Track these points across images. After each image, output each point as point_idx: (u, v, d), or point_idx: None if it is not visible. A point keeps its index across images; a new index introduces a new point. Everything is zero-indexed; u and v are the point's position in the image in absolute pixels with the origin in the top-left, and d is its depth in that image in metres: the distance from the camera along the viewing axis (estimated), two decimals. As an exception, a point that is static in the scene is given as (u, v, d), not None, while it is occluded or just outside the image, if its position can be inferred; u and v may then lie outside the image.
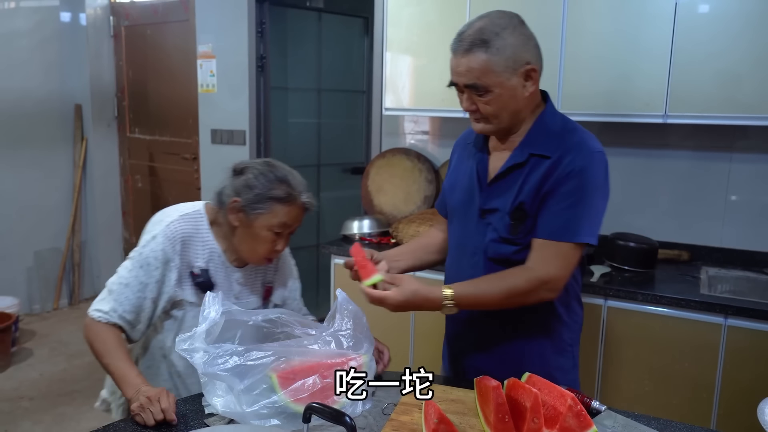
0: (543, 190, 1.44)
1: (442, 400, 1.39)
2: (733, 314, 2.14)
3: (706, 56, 2.31)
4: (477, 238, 1.54)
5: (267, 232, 1.52)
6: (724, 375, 2.17)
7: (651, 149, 2.78)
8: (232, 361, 1.25)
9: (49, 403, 3.32)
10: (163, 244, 1.52)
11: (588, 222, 1.43)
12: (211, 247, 1.58)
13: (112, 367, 1.44)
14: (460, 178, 1.62)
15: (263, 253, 1.55)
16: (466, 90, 1.44)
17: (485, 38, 1.38)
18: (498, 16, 1.42)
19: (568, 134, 1.47)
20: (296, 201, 1.53)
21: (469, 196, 1.57)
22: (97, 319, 1.50)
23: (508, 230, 1.47)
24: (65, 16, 4.64)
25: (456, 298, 1.43)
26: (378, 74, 3.37)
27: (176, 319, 1.58)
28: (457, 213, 1.62)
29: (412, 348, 2.78)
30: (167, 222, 1.55)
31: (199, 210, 1.60)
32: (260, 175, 1.52)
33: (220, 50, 3.99)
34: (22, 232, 4.50)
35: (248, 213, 1.51)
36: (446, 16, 2.79)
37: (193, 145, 4.33)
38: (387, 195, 3.30)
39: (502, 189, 1.49)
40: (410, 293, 1.42)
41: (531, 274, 1.43)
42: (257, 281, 1.68)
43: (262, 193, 1.50)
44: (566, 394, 1.23)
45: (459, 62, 1.41)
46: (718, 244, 2.70)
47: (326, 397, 1.29)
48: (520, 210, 1.46)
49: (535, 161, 1.46)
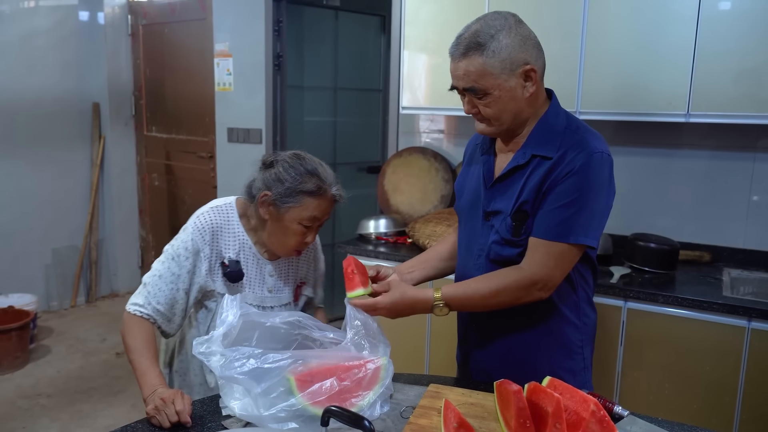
0: (542, 190, 1.42)
1: (462, 404, 1.37)
2: (757, 317, 2.09)
3: (730, 55, 2.27)
4: (481, 240, 1.54)
5: (297, 225, 1.52)
6: (747, 379, 2.13)
7: (672, 149, 2.74)
8: (249, 364, 1.24)
9: (66, 400, 3.34)
10: (192, 235, 1.54)
11: (585, 223, 1.39)
12: (242, 238, 1.59)
13: (136, 363, 1.45)
14: (468, 180, 1.62)
15: (293, 246, 1.56)
16: (466, 93, 1.44)
17: (480, 41, 1.37)
18: (493, 17, 1.41)
19: (570, 133, 1.45)
20: (326, 194, 1.54)
21: (475, 197, 1.57)
22: (132, 312, 1.52)
23: (510, 232, 1.46)
24: (83, 15, 4.67)
25: (446, 298, 1.44)
26: (395, 73, 3.35)
27: (210, 310, 1.59)
28: (464, 215, 1.62)
29: (428, 351, 2.77)
30: (198, 214, 1.58)
31: (231, 203, 1.62)
32: (290, 167, 1.52)
33: (237, 49, 4.00)
34: (40, 229, 4.55)
35: (279, 206, 1.51)
36: (464, 14, 2.76)
37: (210, 144, 4.34)
38: (403, 194, 3.29)
39: (505, 190, 1.49)
40: (398, 296, 1.44)
41: (521, 274, 1.42)
42: (290, 275, 1.69)
43: (292, 187, 1.50)
44: (589, 399, 1.21)
45: (457, 66, 1.41)
46: (741, 245, 2.65)
47: (344, 399, 1.28)
48: (521, 211, 1.45)
49: (537, 162, 1.44)
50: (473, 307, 1.51)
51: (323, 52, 4.35)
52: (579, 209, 1.39)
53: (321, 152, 4.33)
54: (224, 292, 1.56)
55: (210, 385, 1.62)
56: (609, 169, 1.42)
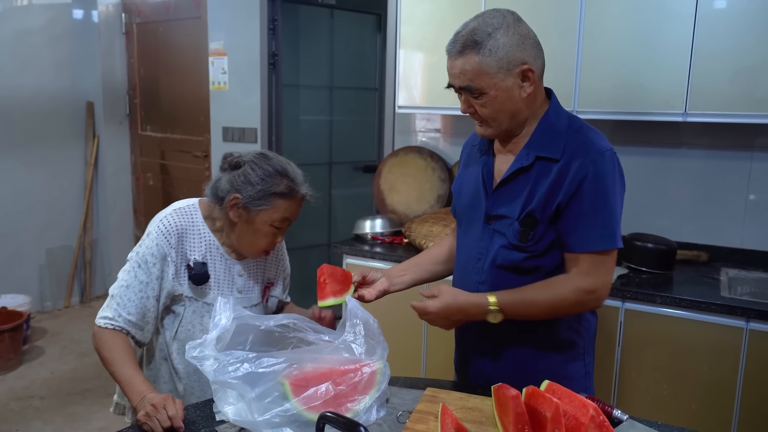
0: (558, 199, 1.39)
1: (459, 408, 1.36)
2: (755, 318, 2.08)
3: (728, 54, 2.26)
4: (482, 244, 1.51)
5: (269, 227, 1.51)
6: (746, 380, 2.12)
7: (669, 148, 2.73)
8: (243, 368, 1.22)
9: (60, 402, 3.31)
10: (157, 239, 1.50)
11: (615, 225, 1.41)
12: (208, 239, 1.57)
13: (118, 375, 1.42)
14: (466, 182, 1.59)
15: (264, 247, 1.56)
16: (462, 92, 1.41)
17: (477, 39, 1.35)
18: (491, 15, 1.38)
19: (574, 134, 1.43)
20: (297, 194, 1.53)
21: (474, 200, 1.54)
22: (103, 326, 1.48)
23: (518, 237, 1.44)
24: (77, 14, 4.64)
25: (501, 305, 1.41)
26: (391, 72, 3.33)
27: (177, 315, 1.55)
28: (463, 218, 1.60)
29: (424, 354, 2.75)
30: (161, 218, 1.54)
31: (194, 204, 1.60)
32: (258, 168, 1.50)
33: (232, 47, 3.97)
34: (34, 229, 4.51)
35: (249, 209, 1.49)
36: (460, 13, 2.74)
37: (205, 143, 4.31)
38: (400, 194, 3.27)
39: (509, 194, 1.46)
40: (450, 300, 1.42)
41: (577, 285, 1.41)
42: (258, 274, 1.67)
43: (263, 189, 1.48)
44: (588, 404, 1.19)
45: (453, 64, 1.39)
46: (738, 245, 2.64)
47: (339, 404, 1.26)
48: (531, 218, 1.42)
49: (542, 164, 1.42)
50: (527, 316, 1.46)
51: (319, 51, 4.32)
52: (606, 213, 1.39)
53: (317, 151, 4.38)
54: (191, 295, 1.54)
55: (180, 393, 1.58)
56: (618, 165, 1.43)
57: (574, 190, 1.38)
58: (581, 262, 1.41)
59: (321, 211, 4.50)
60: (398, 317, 2.76)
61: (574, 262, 1.42)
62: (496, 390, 1.31)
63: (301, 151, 4.27)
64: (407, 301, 2.72)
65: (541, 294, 1.42)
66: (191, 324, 1.55)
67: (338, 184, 4.52)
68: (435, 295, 1.44)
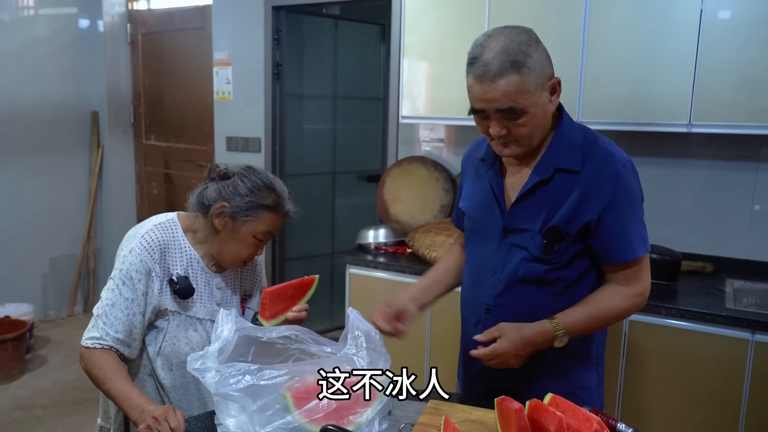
0: (588, 215, 1.40)
1: (462, 421, 1.35)
2: (760, 329, 2.07)
3: (732, 64, 2.26)
4: (498, 258, 1.50)
5: (252, 238, 1.53)
6: (752, 392, 2.10)
7: (674, 158, 2.72)
8: (245, 380, 1.22)
9: (62, 411, 3.31)
10: (141, 255, 1.50)
11: (645, 230, 1.47)
12: (189, 254, 1.57)
13: (113, 392, 1.42)
14: (474, 197, 1.58)
15: (245, 258, 1.58)
16: (497, 115, 1.36)
17: (515, 59, 1.31)
18: (516, 33, 1.35)
19: (591, 145, 1.44)
20: (282, 209, 1.55)
21: (487, 215, 1.53)
22: (90, 346, 1.47)
23: (542, 250, 1.44)
24: (83, 24, 4.66)
25: (566, 327, 1.42)
26: (395, 82, 3.34)
27: (160, 330, 1.55)
28: (474, 233, 1.58)
29: (427, 367, 2.73)
30: (142, 233, 1.54)
31: (173, 218, 1.60)
32: (247, 180, 1.52)
33: (236, 57, 3.99)
34: (38, 238, 4.52)
35: (236, 219, 1.51)
36: (464, 23, 2.75)
37: (209, 153, 4.32)
38: (403, 203, 3.26)
39: (529, 207, 1.45)
40: (518, 337, 1.40)
41: (628, 293, 1.46)
42: (237, 287, 1.68)
43: (252, 201, 1.51)
44: (592, 418, 1.18)
45: (489, 88, 1.32)
46: (744, 256, 2.63)
47: (341, 417, 1.25)
48: (555, 231, 1.42)
49: (561, 176, 1.42)
50: (587, 332, 1.49)
51: (323, 61, 4.34)
52: (638, 221, 1.45)
53: (320, 161, 4.39)
54: (175, 309, 1.53)
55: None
56: (636, 171, 1.47)
57: (605, 205, 1.40)
58: (626, 271, 1.45)
59: (324, 220, 4.50)
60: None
61: (618, 272, 1.46)
62: (500, 403, 1.30)
63: (305, 161, 4.27)
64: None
65: (599, 308, 1.45)
66: (176, 338, 1.55)
67: (342, 193, 4.52)
68: (496, 336, 1.41)
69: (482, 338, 1.43)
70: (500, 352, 1.39)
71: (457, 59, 2.78)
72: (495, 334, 1.42)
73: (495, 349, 1.39)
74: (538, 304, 1.47)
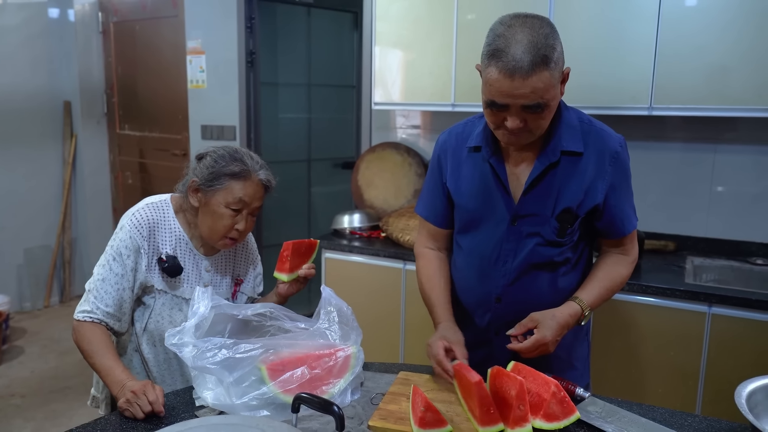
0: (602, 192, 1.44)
1: (430, 390, 1.41)
2: (717, 302, 2.17)
3: (692, 49, 2.34)
4: (508, 245, 1.49)
5: (225, 208, 1.54)
6: (709, 363, 2.21)
7: (637, 141, 2.81)
8: (221, 354, 1.27)
9: (40, 400, 3.32)
10: (131, 232, 1.54)
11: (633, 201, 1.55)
12: (178, 234, 1.61)
13: (98, 366, 1.46)
14: (468, 185, 1.53)
15: (222, 231, 1.56)
16: (519, 109, 1.31)
17: (544, 53, 1.27)
18: (539, 24, 1.30)
19: (588, 127, 1.48)
20: (251, 176, 1.56)
21: (489, 202, 1.50)
22: (81, 319, 1.52)
23: (556, 233, 1.46)
24: (53, 12, 4.62)
25: (590, 305, 1.46)
26: (367, 69, 3.38)
27: (147, 306, 1.59)
28: (473, 222, 1.54)
29: (402, 341, 2.81)
30: (133, 211, 1.59)
31: (165, 199, 1.64)
32: (219, 157, 1.56)
33: (210, 46, 3.99)
34: (12, 229, 4.50)
35: (206, 191, 1.55)
36: (435, 10, 2.81)
37: (183, 142, 4.33)
38: (377, 189, 3.32)
39: (540, 192, 1.45)
40: (555, 325, 1.39)
41: (627, 260, 1.55)
42: (227, 271, 1.71)
43: (215, 171, 1.54)
44: (550, 381, 1.26)
45: (519, 84, 1.27)
46: (704, 234, 2.73)
47: (315, 387, 1.31)
48: (568, 213, 1.45)
49: (566, 159, 1.44)
50: (602, 303, 1.53)
51: (296, 49, 4.36)
52: (631, 195, 1.53)
53: (295, 148, 4.42)
54: (162, 287, 1.58)
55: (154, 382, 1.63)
56: (628, 150, 1.52)
57: (609, 185, 1.45)
58: (625, 241, 1.54)
59: (300, 207, 4.54)
60: (373, 307, 2.83)
61: (618, 243, 1.54)
62: (458, 371, 1.36)
63: (280, 149, 4.30)
64: (384, 297, 2.79)
65: (610, 279, 1.51)
66: (160, 316, 1.59)
67: (317, 180, 4.56)
68: (531, 327, 1.39)
69: (517, 332, 1.41)
70: (543, 342, 1.36)
71: (429, 46, 2.84)
72: (530, 325, 1.40)
73: (538, 341, 1.36)
74: (545, 288, 1.50)
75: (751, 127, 2.61)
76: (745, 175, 2.64)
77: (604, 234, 1.53)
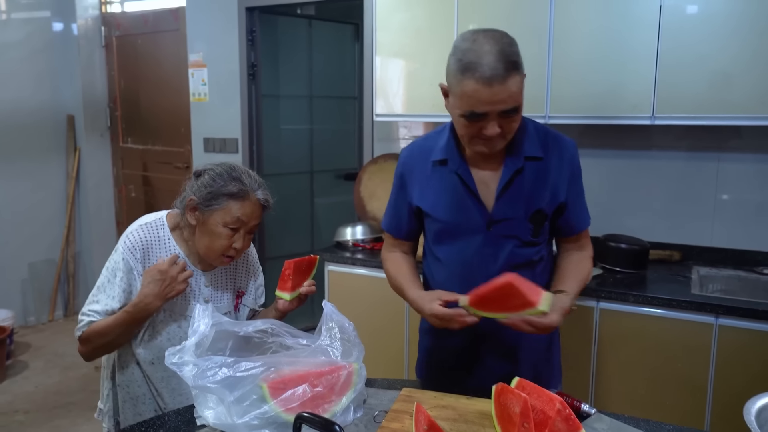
0: (564, 193, 1.55)
1: (434, 407, 1.40)
2: (723, 314, 2.15)
3: (694, 57, 2.33)
4: (487, 250, 1.55)
5: (222, 228, 1.54)
6: (717, 375, 2.18)
7: (640, 150, 2.80)
8: (222, 373, 1.25)
9: (44, 415, 3.31)
10: (123, 254, 1.55)
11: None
12: (173, 252, 1.60)
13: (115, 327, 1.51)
14: (440, 199, 1.58)
15: (220, 250, 1.56)
16: (498, 116, 1.39)
17: (514, 60, 1.36)
18: (500, 34, 1.40)
19: (543, 133, 1.57)
20: (249, 196, 1.56)
21: (462, 213, 1.55)
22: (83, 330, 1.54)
23: (531, 233, 1.55)
24: (57, 27, 4.65)
25: (574, 296, 1.53)
26: (368, 80, 3.38)
27: (144, 324, 1.59)
28: (448, 233, 1.59)
29: (407, 353, 2.79)
30: (127, 233, 1.59)
31: (161, 218, 1.64)
32: (217, 176, 1.56)
33: (211, 59, 4.00)
34: (16, 244, 4.50)
35: (203, 210, 1.54)
36: (435, 21, 2.81)
37: (186, 154, 4.33)
38: (380, 201, 3.31)
39: (511, 197, 1.53)
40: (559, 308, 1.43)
41: (587, 255, 1.65)
42: (227, 285, 1.70)
43: (214, 190, 1.53)
44: (555, 398, 1.24)
45: (497, 90, 1.34)
46: (709, 244, 2.71)
47: (317, 405, 1.30)
48: (540, 214, 1.54)
49: (529, 164, 1.53)
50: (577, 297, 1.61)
51: (298, 61, 4.37)
52: (583, 194, 1.64)
53: (298, 160, 4.42)
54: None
55: (153, 395, 1.63)
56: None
57: (568, 185, 1.56)
58: (582, 238, 1.65)
59: (304, 219, 4.53)
60: (377, 318, 2.81)
61: (576, 240, 1.64)
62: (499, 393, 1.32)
63: (283, 160, 4.30)
64: (388, 310, 2.77)
65: (581, 274, 1.59)
66: (159, 333, 1.59)
67: (320, 192, 4.56)
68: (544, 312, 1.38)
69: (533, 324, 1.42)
70: (553, 326, 1.41)
71: (429, 57, 2.84)
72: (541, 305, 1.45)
73: (551, 323, 1.39)
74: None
75: (754, 135, 2.59)
76: (749, 183, 2.62)
77: (564, 232, 1.63)
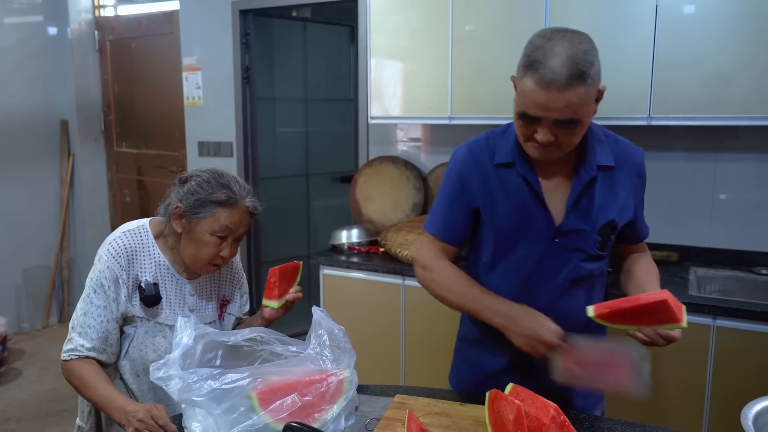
0: (635, 204, 1.50)
1: (427, 414, 1.37)
2: (721, 315, 2.13)
3: (691, 57, 2.31)
4: (551, 262, 1.45)
5: (210, 236, 1.50)
6: (715, 377, 2.16)
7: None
8: (208, 385, 1.22)
9: (37, 424, 3.28)
10: (108, 262, 1.51)
11: None
12: (158, 260, 1.57)
13: (95, 398, 1.43)
14: (499, 202, 1.46)
15: (207, 258, 1.52)
16: (552, 124, 1.29)
17: (582, 69, 1.25)
18: (579, 39, 1.29)
19: (613, 141, 1.49)
20: (238, 204, 1.52)
21: (526, 220, 1.44)
22: (68, 358, 1.49)
23: (598, 247, 1.45)
24: (50, 31, 4.62)
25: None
26: (364, 83, 3.36)
27: (127, 335, 1.55)
28: (510, 240, 1.47)
29: (403, 358, 2.76)
30: (110, 241, 1.55)
31: (144, 225, 1.60)
32: (204, 182, 1.52)
33: (206, 62, 3.98)
34: (10, 249, 4.47)
35: (190, 218, 1.50)
36: (430, 23, 2.78)
37: (181, 158, 4.31)
38: (375, 203, 3.29)
39: (582, 208, 1.43)
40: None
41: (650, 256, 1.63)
42: (212, 293, 1.67)
43: (202, 198, 1.50)
44: (549, 405, 1.21)
45: (554, 97, 1.25)
46: (707, 245, 2.69)
47: (306, 415, 1.27)
48: (609, 226, 1.45)
49: (601, 174, 1.44)
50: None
51: (293, 64, 4.35)
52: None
53: (293, 163, 4.40)
54: (143, 315, 1.54)
55: None
56: None
57: (637, 192, 1.52)
58: (643, 244, 1.61)
59: (300, 222, 4.51)
60: (372, 325, 2.79)
61: (640, 247, 1.61)
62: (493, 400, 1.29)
63: (278, 164, 4.28)
64: (383, 313, 2.75)
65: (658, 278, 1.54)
66: (143, 344, 1.55)
67: (316, 195, 4.53)
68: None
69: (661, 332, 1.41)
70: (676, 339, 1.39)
71: (425, 59, 2.82)
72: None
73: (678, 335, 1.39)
74: (583, 303, 1.42)
75: (752, 135, 2.57)
76: (747, 183, 2.60)
77: (631, 240, 1.57)
